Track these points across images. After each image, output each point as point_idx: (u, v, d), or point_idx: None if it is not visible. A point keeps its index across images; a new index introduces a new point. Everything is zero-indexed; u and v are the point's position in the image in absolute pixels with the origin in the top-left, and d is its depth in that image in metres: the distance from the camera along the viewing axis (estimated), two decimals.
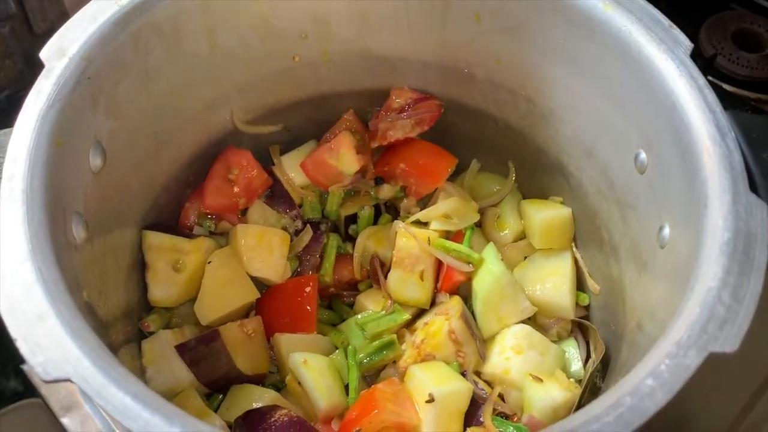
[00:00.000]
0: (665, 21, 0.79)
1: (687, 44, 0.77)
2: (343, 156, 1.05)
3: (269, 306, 1.01)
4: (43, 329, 0.59)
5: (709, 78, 1.31)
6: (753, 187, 0.70)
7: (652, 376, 0.57)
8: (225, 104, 0.98)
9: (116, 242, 0.87)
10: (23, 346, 0.58)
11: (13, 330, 0.59)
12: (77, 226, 0.74)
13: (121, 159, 0.85)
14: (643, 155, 0.81)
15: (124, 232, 0.90)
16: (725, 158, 0.69)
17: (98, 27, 0.77)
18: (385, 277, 1.00)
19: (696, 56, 1.32)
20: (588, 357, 0.97)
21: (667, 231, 0.77)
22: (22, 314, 0.60)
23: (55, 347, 0.59)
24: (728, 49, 1.37)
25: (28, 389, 1.07)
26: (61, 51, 0.75)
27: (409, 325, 0.99)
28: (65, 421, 0.98)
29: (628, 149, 0.84)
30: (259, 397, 0.90)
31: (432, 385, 0.85)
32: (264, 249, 1.01)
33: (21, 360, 0.58)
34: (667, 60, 0.76)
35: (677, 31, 0.78)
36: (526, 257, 1.03)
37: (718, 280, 0.62)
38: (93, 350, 0.59)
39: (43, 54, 0.74)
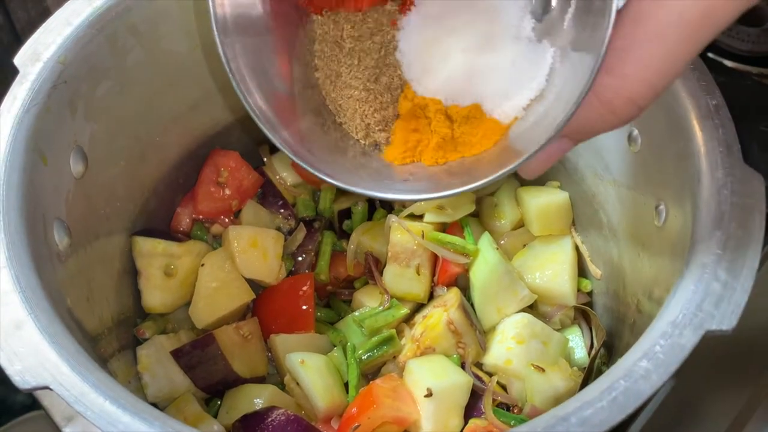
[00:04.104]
0: None
1: None
2: None
3: (266, 307, 1.00)
4: (20, 337, 0.59)
5: (710, 54, 1.28)
6: (751, 159, 0.67)
7: (647, 357, 0.55)
8: (209, 103, 0.97)
9: (104, 249, 0.86)
10: (0, 355, 0.57)
11: None
12: (59, 233, 0.73)
13: (105, 163, 0.84)
14: (635, 133, 0.79)
15: (112, 238, 0.89)
16: (717, 131, 0.67)
17: (73, 30, 0.77)
18: (381, 272, 0.98)
19: None
20: (593, 344, 0.95)
21: (663, 209, 0.75)
22: None
23: (32, 355, 0.58)
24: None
25: (35, 402, 1.06)
26: (36, 55, 0.74)
27: (408, 319, 0.97)
28: (67, 431, 0.98)
29: (621, 128, 0.81)
30: (258, 395, 0.89)
31: (430, 380, 0.83)
32: (258, 250, 0.99)
33: None
34: None
35: None
36: (525, 245, 1.01)
37: (713, 256, 0.60)
38: (72, 356, 0.58)
39: (18, 59, 0.74)
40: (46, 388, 0.57)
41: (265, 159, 1.07)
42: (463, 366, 0.89)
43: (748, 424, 0.87)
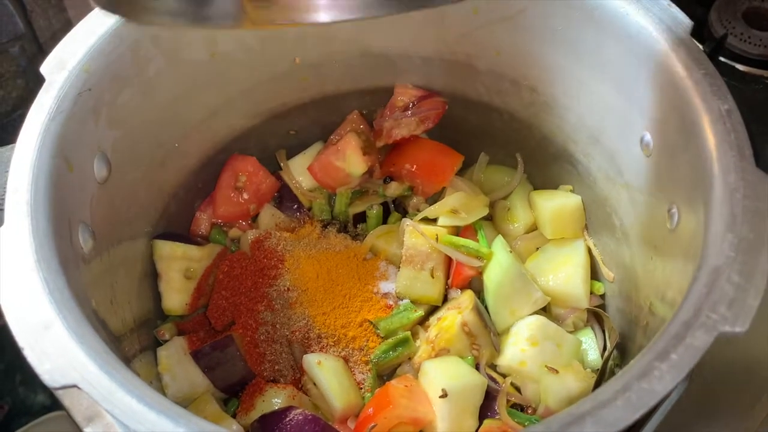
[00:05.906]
0: (663, 0, 0.78)
1: (686, 22, 0.76)
2: (350, 158, 1.05)
3: None
4: (49, 337, 0.60)
5: (721, 59, 1.28)
6: (763, 163, 0.68)
7: (660, 358, 0.56)
8: (228, 110, 0.98)
9: (126, 252, 0.88)
10: (30, 355, 0.59)
11: (20, 339, 0.60)
12: (84, 236, 0.75)
13: (127, 169, 0.86)
14: (648, 137, 0.80)
15: (134, 241, 0.91)
16: (729, 135, 0.67)
17: (97, 39, 0.78)
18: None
19: (707, 37, 1.30)
20: (606, 346, 0.96)
21: (676, 212, 0.76)
22: (28, 323, 0.60)
23: (61, 354, 0.59)
24: (739, 29, 1.34)
25: (55, 403, 1.08)
26: (61, 64, 0.76)
27: (423, 322, 0.98)
28: (88, 431, 0.99)
29: (633, 132, 0.83)
30: (276, 395, 0.90)
31: (445, 380, 0.85)
32: None
33: None
34: (666, 39, 0.75)
35: (675, 9, 0.76)
36: (538, 248, 1.02)
37: (725, 259, 0.60)
38: (99, 356, 0.60)
39: (44, 68, 0.76)
40: (74, 386, 0.59)
41: (282, 164, 1.09)
42: (477, 367, 0.91)
43: (762, 425, 0.88)
